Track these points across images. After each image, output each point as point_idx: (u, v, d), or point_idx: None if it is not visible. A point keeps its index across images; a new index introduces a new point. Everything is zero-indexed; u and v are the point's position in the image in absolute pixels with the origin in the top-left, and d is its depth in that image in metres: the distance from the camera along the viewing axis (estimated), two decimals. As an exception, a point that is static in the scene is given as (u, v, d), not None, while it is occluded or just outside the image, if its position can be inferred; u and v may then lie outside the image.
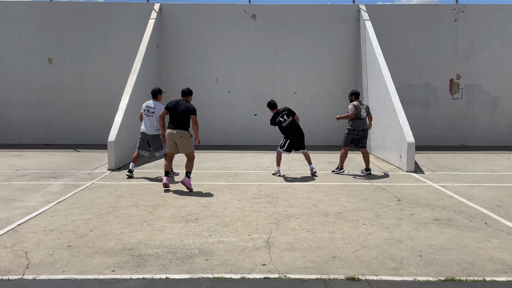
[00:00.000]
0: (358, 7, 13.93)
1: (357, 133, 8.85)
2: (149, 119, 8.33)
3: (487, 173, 9.18)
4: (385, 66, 11.57)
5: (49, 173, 8.89)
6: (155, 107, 8.31)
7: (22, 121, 14.11)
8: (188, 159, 7.48)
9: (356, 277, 3.87)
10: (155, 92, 8.44)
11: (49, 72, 14.04)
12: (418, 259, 4.32)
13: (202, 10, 14.02)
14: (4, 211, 6.03)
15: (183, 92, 7.65)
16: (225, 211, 6.08)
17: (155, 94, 8.42)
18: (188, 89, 7.67)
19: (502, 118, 14.26)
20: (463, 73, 14.18)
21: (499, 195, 7.13)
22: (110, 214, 5.91)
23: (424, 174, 9.08)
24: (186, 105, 7.42)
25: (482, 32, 14.04)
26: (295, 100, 14.19)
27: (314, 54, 14.13)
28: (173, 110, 7.44)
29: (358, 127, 8.84)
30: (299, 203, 6.55)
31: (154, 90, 8.47)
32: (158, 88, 8.54)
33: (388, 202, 6.65)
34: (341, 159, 8.99)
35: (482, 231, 5.21)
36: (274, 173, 8.89)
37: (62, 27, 13.94)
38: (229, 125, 14.03)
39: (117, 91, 13.43)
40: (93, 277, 3.87)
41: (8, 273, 3.94)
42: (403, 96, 13.45)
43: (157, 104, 8.37)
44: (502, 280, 3.85)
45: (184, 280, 3.82)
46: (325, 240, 4.87)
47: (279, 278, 3.87)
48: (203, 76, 14.13)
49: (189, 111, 7.38)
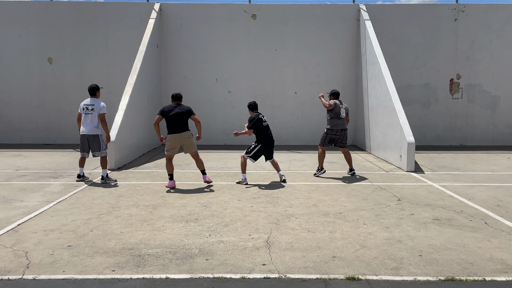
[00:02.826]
0: (358, 7, 13.92)
1: (335, 133, 8.62)
2: (88, 117, 7.96)
3: (487, 173, 9.18)
4: (385, 66, 11.57)
5: (49, 173, 8.89)
6: (94, 103, 7.99)
7: (22, 121, 14.11)
8: (196, 160, 7.93)
9: (356, 277, 3.87)
10: (93, 89, 8.08)
11: (49, 72, 14.04)
12: (418, 259, 4.32)
13: (202, 10, 14.02)
14: (4, 211, 6.03)
15: (178, 97, 7.92)
16: (225, 211, 6.08)
17: (93, 91, 8.07)
18: (180, 94, 8.01)
19: (502, 118, 14.26)
20: (463, 73, 14.18)
21: (499, 195, 7.13)
22: (110, 214, 5.91)
23: (424, 174, 9.08)
24: (184, 108, 7.78)
25: (482, 32, 14.03)
26: (295, 100, 14.20)
27: (314, 54, 14.13)
28: (173, 115, 7.63)
29: (336, 126, 8.61)
30: (299, 203, 6.55)
31: (92, 87, 8.10)
32: (95, 85, 8.18)
33: (388, 202, 6.65)
34: (319, 159, 8.71)
35: (482, 231, 5.21)
36: (239, 181, 7.99)
37: (62, 27, 13.94)
38: (229, 125, 14.02)
39: (117, 91, 13.42)
40: (93, 277, 3.87)
41: (8, 273, 3.94)
42: (403, 96, 13.45)
43: (96, 101, 8.04)
44: (502, 280, 3.85)
45: (184, 280, 3.82)
46: (325, 240, 4.86)
47: (279, 278, 3.87)
48: (203, 76, 14.12)
49: (189, 113, 7.77)
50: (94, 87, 8.11)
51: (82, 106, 8.02)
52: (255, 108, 8.21)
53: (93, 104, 7.98)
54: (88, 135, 8.01)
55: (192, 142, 7.85)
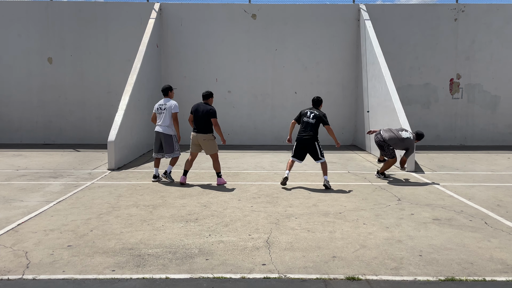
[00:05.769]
0: (358, 6, 13.92)
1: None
2: (160, 116, 8.11)
3: (487, 173, 9.18)
4: (385, 65, 11.57)
5: (49, 173, 8.88)
6: (166, 103, 8.14)
7: (22, 121, 14.11)
8: (213, 161, 7.88)
9: (356, 277, 3.86)
10: (166, 89, 8.25)
11: (49, 71, 14.03)
12: (418, 258, 4.32)
13: (202, 10, 14.02)
14: (4, 211, 6.03)
15: (203, 95, 7.94)
16: (225, 210, 6.08)
17: (166, 91, 8.24)
18: (208, 92, 7.94)
19: (502, 118, 14.26)
20: (463, 72, 14.18)
21: (499, 195, 7.13)
22: (110, 214, 5.91)
23: (424, 173, 9.08)
24: (206, 108, 7.72)
25: (482, 32, 14.03)
26: (295, 100, 14.19)
27: (314, 54, 14.12)
28: (195, 113, 7.77)
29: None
30: (299, 202, 6.55)
31: (165, 88, 8.28)
32: (168, 85, 8.36)
33: (388, 201, 6.65)
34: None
35: (482, 231, 5.21)
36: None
37: (62, 27, 13.94)
38: (229, 125, 14.02)
39: (117, 90, 13.43)
40: (93, 277, 3.86)
41: (8, 273, 3.93)
42: (403, 95, 13.44)
43: (168, 100, 8.18)
44: (502, 280, 3.85)
45: (184, 280, 3.82)
46: (325, 240, 4.86)
47: (279, 278, 3.86)
48: (203, 76, 14.12)
49: (209, 114, 7.66)
50: (167, 87, 8.27)
51: (156, 106, 8.18)
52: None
53: (165, 104, 8.10)
54: (162, 133, 8.09)
55: (208, 145, 7.74)
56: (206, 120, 7.68)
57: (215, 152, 7.86)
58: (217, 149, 7.94)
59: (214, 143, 7.83)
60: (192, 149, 7.93)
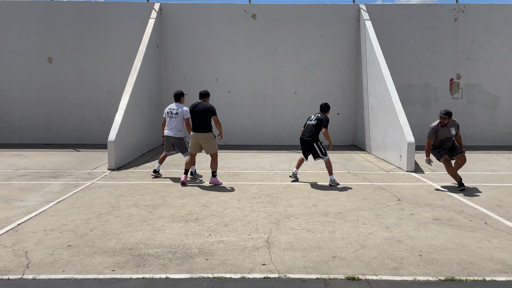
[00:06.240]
0: (358, 6, 13.92)
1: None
2: (172, 120, 8.28)
3: (487, 173, 9.18)
4: (385, 65, 11.57)
5: (49, 173, 8.88)
6: (178, 108, 8.30)
7: (22, 121, 14.11)
8: (212, 159, 7.88)
9: (356, 277, 3.86)
10: (178, 95, 8.41)
11: (49, 71, 14.03)
12: (418, 258, 4.32)
13: (202, 10, 14.02)
14: (4, 210, 6.03)
15: (200, 94, 7.95)
16: (225, 210, 6.08)
17: (178, 97, 8.40)
18: (206, 91, 8.00)
19: (502, 118, 14.26)
20: (463, 73, 14.18)
21: (499, 195, 7.13)
22: (110, 213, 5.91)
23: (424, 173, 9.08)
24: (205, 106, 7.72)
25: (482, 32, 14.03)
26: (295, 100, 14.20)
27: (314, 54, 14.12)
28: (193, 113, 7.76)
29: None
30: (299, 202, 6.55)
31: (177, 93, 8.43)
32: (180, 91, 8.51)
33: (388, 202, 6.65)
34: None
35: (482, 231, 5.21)
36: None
37: (62, 27, 13.94)
38: (229, 124, 14.02)
39: (117, 90, 13.43)
40: (93, 277, 3.86)
41: (8, 273, 3.93)
42: (403, 96, 13.45)
43: (180, 105, 8.35)
44: (502, 280, 3.85)
45: (184, 280, 3.82)
46: (325, 240, 4.86)
47: (279, 277, 3.86)
48: (203, 76, 14.12)
49: (209, 112, 7.69)
50: (179, 93, 8.46)
51: (167, 111, 8.36)
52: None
53: (177, 109, 8.28)
54: (172, 137, 8.32)
55: (209, 144, 7.76)
56: (207, 118, 7.69)
57: (216, 151, 7.89)
58: (217, 148, 7.97)
59: (214, 142, 7.85)
60: (191, 150, 7.94)
